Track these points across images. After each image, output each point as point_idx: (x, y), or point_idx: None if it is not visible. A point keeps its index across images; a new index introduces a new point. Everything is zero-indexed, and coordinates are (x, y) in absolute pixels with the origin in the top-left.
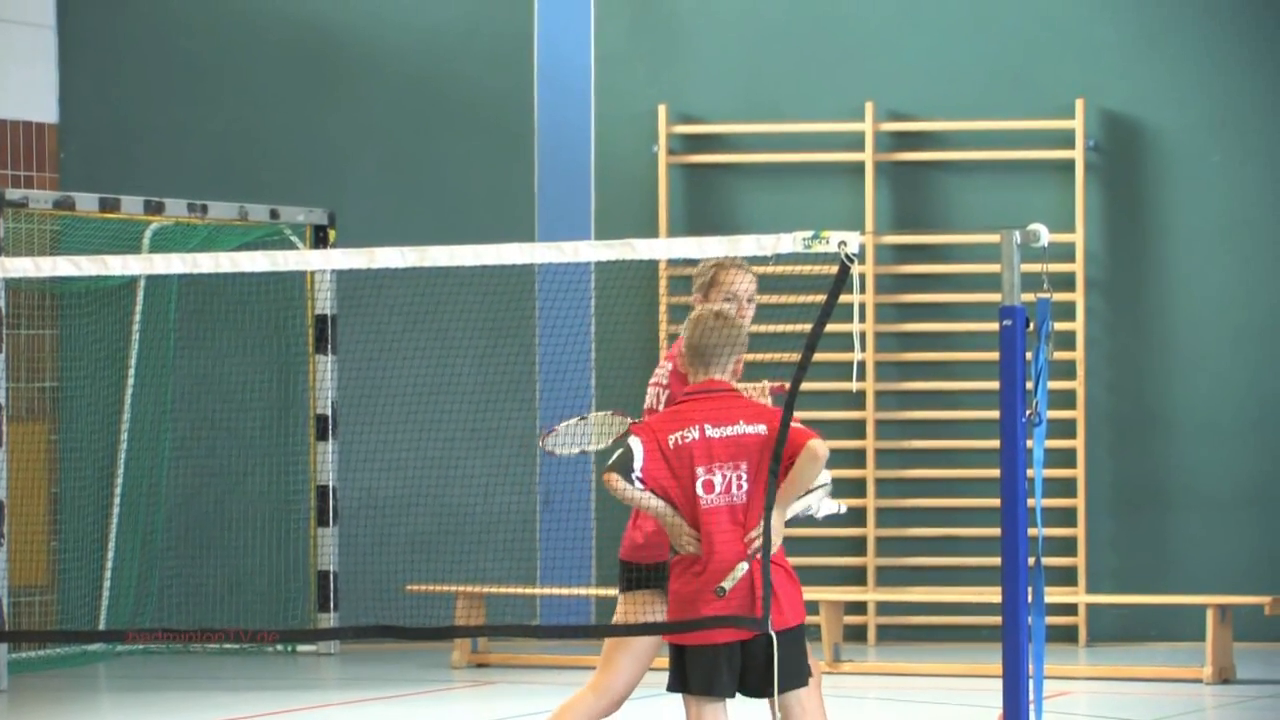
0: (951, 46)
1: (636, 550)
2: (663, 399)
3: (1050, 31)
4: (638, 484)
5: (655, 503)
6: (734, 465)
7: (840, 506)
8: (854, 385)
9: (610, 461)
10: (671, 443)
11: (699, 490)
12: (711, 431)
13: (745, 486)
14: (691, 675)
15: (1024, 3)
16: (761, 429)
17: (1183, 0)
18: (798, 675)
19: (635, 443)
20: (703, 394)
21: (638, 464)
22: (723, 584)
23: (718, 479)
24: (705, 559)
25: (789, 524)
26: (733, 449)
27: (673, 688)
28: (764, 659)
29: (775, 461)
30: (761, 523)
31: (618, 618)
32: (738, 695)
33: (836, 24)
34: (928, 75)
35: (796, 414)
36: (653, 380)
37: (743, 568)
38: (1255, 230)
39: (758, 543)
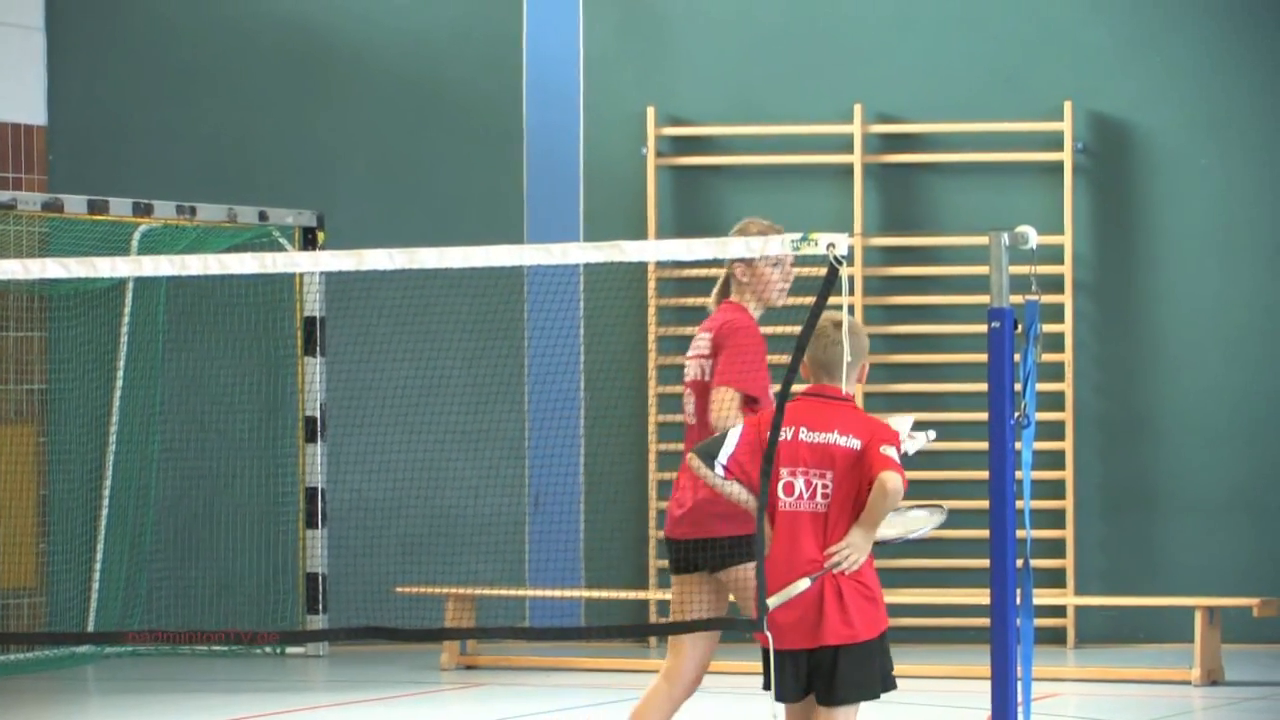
0: (940, 49)
1: (676, 525)
2: (707, 369)
3: (1039, 34)
4: (720, 470)
5: (735, 488)
6: (820, 473)
7: (929, 434)
8: (843, 387)
9: (700, 444)
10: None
11: (779, 491)
12: (805, 435)
13: (830, 495)
14: (765, 677)
15: (1012, 5)
16: (855, 444)
17: (1171, 3)
18: (858, 688)
19: (734, 431)
20: (813, 397)
21: (725, 452)
22: (771, 599)
23: (800, 483)
24: (774, 560)
25: (885, 546)
26: (820, 456)
27: (765, 687)
28: (829, 668)
29: (767, 463)
30: (841, 539)
31: (672, 600)
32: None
33: (825, 26)
34: (916, 77)
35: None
36: (693, 353)
37: (800, 586)
38: (1243, 233)
39: (835, 558)
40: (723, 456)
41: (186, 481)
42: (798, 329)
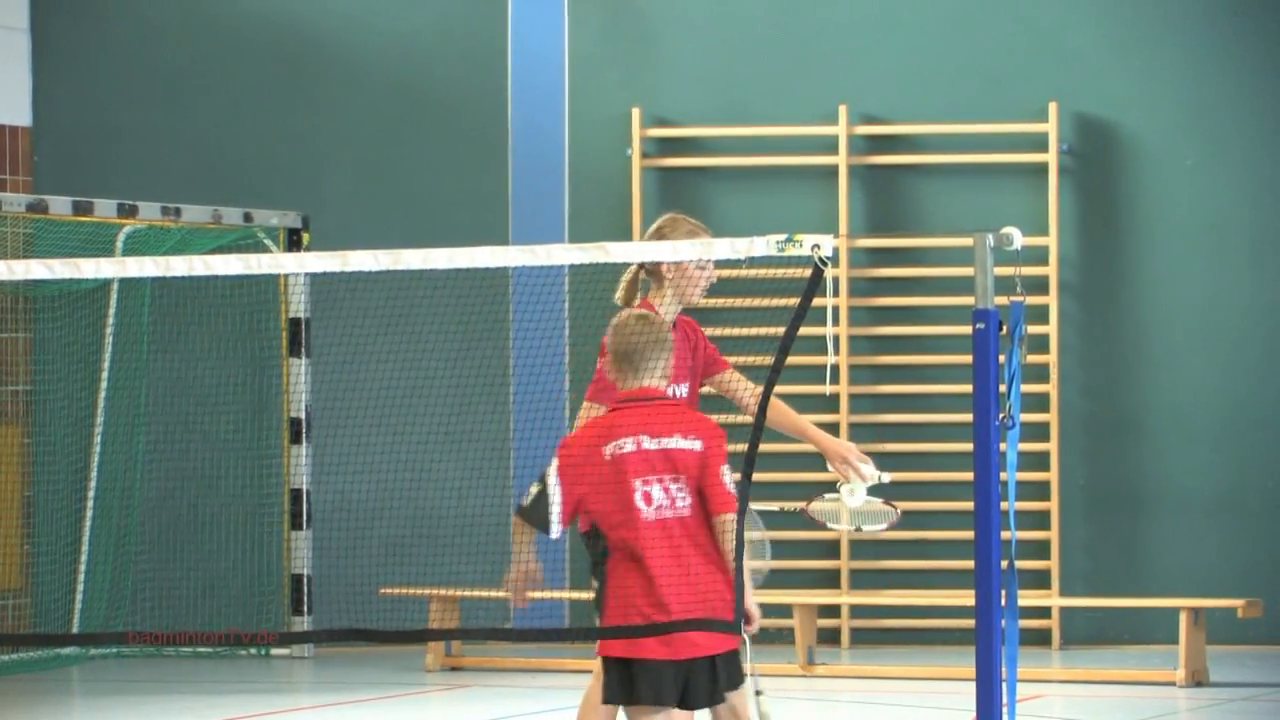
0: (925, 50)
1: None
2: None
3: (1024, 35)
4: (555, 533)
5: (524, 553)
6: (674, 478)
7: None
8: (828, 389)
9: (526, 503)
10: (608, 454)
11: (639, 502)
12: (649, 443)
13: (689, 499)
14: (641, 687)
15: (997, 6)
16: (697, 445)
17: (1156, 4)
18: (733, 681)
19: (553, 486)
20: (640, 403)
21: (556, 513)
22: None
23: (657, 491)
24: (645, 573)
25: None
26: (670, 462)
27: (613, 699)
28: (706, 674)
29: (749, 465)
30: (708, 540)
31: None
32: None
33: (810, 27)
34: (901, 79)
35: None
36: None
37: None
38: (1228, 234)
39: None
40: (556, 520)
41: (171, 482)
42: (782, 330)
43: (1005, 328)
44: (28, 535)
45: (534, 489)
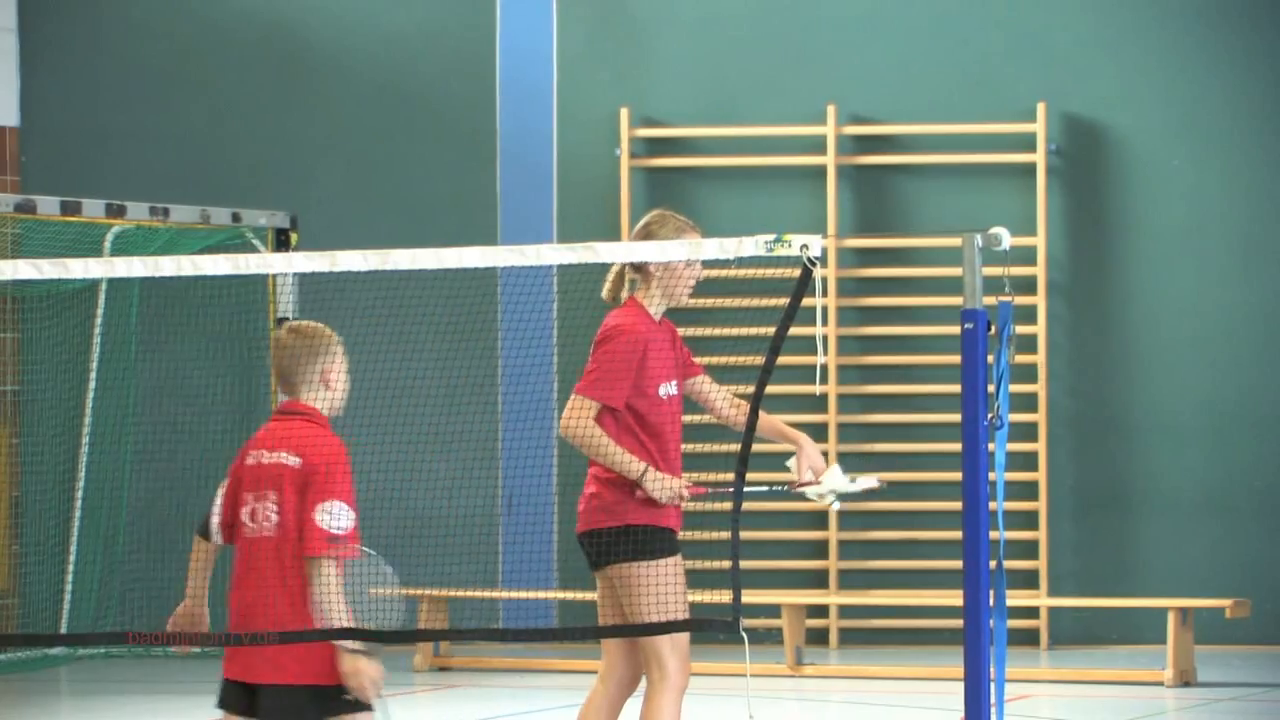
0: (913, 50)
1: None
2: None
3: (1012, 35)
4: (217, 538)
5: (193, 585)
6: (268, 494)
7: (872, 482)
8: (817, 389)
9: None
10: (247, 463)
11: (245, 517)
12: (259, 457)
13: (274, 519)
14: (223, 695)
15: (986, 6)
16: (295, 461)
17: (1144, 5)
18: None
19: (219, 492)
20: (280, 415)
21: (215, 520)
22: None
23: (257, 508)
24: (240, 586)
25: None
26: (264, 478)
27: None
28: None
29: (742, 465)
30: (291, 564)
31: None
32: None
33: (798, 28)
34: (890, 79)
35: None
36: None
37: None
38: (1215, 234)
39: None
40: (215, 522)
41: (160, 483)
42: (771, 330)
43: (994, 328)
44: (15, 536)
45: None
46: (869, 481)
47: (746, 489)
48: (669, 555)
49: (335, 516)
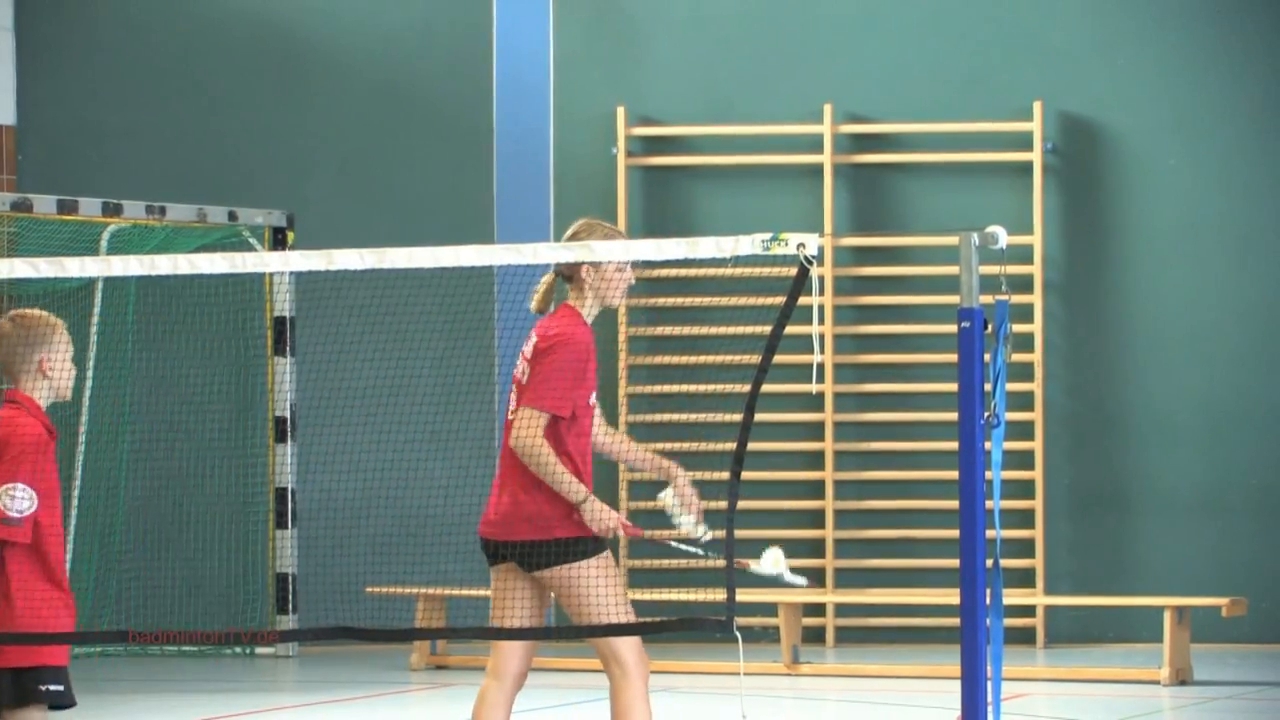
0: (910, 49)
1: (500, 526)
2: (527, 373)
3: (1008, 34)
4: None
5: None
6: None
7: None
8: (813, 387)
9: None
10: None
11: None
12: None
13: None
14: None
15: (982, 6)
16: None
17: (1141, 4)
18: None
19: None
20: (4, 405)
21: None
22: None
23: None
24: None
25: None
26: None
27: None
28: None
29: (737, 464)
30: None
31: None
32: None
33: (795, 26)
34: (886, 78)
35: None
36: (523, 351)
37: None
38: (1212, 233)
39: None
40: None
41: (156, 481)
42: (767, 329)
43: (990, 326)
44: None
45: None
46: (797, 579)
47: (681, 544)
48: (599, 553)
49: (15, 500)
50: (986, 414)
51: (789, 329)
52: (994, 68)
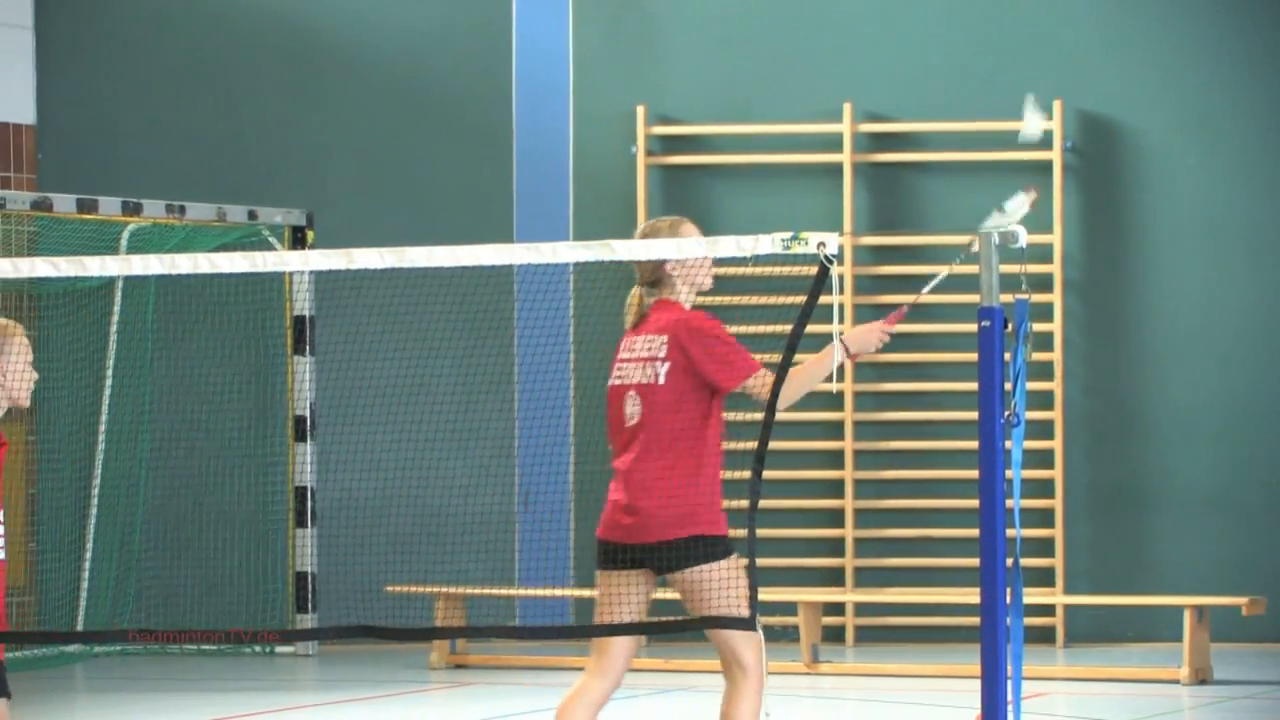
0: (929, 48)
1: (646, 529)
2: (661, 372)
3: (1028, 32)
4: None
5: None
6: None
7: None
8: (833, 386)
9: None
10: None
11: None
12: None
13: None
14: None
15: (1001, 4)
16: None
17: (1159, 2)
18: None
19: None
20: None
21: None
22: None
23: None
24: None
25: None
26: None
27: None
28: None
29: (759, 463)
30: None
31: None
32: None
33: (814, 25)
34: (906, 76)
35: None
36: (636, 356)
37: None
38: (1231, 231)
39: None
40: None
41: (176, 480)
42: (788, 328)
43: (1010, 325)
44: (32, 533)
45: None
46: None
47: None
48: (731, 554)
49: None
50: (1007, 413)
51: (809, 328)
52: (1013, 66)
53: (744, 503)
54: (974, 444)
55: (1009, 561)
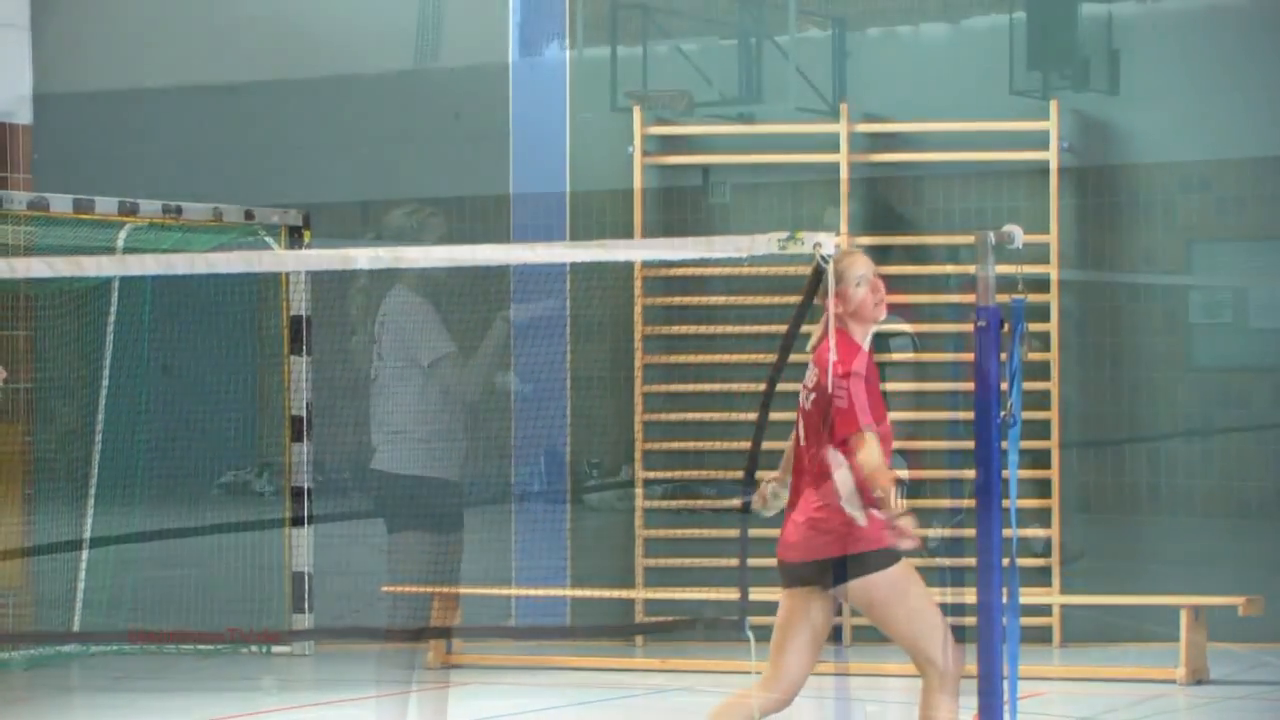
0: (926, 48)
1: (826, 546)
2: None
3: (1025, 33)
4: None
5: None
6: None
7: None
8: (830, 386)
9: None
10: None
11: None
12: None
13: None
14: None
15: (999, 4)
16: None
17: (1158, 2)
18: None
19: None
20: None
21: None
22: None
23: None
24: None
25: None
26: None
27: None
28: None
29: (752, 462)
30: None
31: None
32: None
33: (809, 26)
34: (902, 77)
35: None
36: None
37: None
38: (1229, 231)
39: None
40: None
41: (172, 480)
42: (783, 328)
43: (1007, 325)
44: (29, 533)
45: None
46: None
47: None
48: (897, 562)
49: None
50: (1003, 412)
51: (805, 328)
52: (1010, 66)
53: (737, 502)
54: (971, 444)
55: (1005, 561)
